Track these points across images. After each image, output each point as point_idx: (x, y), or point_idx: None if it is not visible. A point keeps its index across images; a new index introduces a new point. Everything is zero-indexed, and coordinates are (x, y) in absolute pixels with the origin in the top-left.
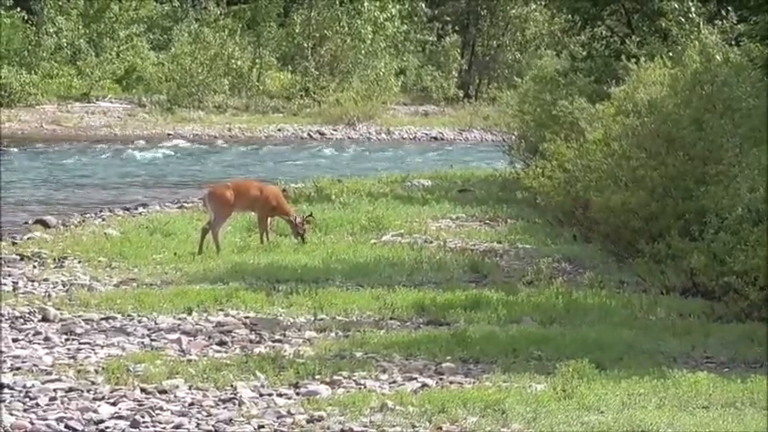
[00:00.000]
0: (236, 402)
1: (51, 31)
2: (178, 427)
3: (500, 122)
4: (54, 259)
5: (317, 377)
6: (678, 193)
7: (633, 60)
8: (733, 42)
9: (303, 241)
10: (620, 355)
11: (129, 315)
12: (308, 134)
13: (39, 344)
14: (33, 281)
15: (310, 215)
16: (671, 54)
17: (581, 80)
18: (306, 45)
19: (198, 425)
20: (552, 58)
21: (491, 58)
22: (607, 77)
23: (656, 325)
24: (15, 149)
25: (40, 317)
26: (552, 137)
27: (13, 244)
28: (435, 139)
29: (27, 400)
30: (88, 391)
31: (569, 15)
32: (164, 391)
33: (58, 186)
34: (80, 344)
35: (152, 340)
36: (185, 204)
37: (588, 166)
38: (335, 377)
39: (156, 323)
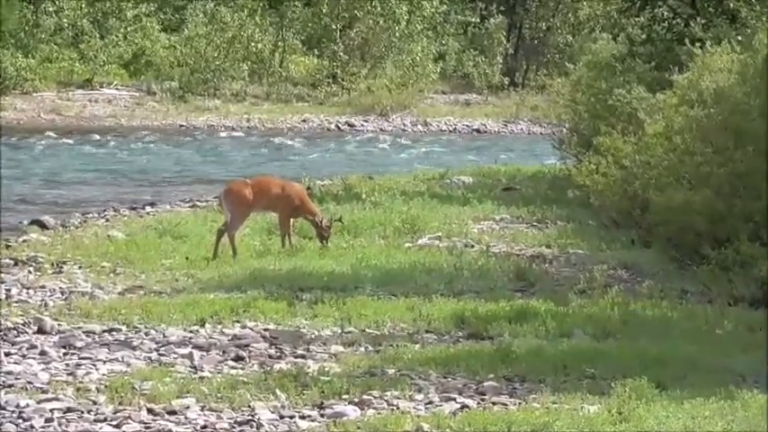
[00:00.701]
0: (254, 425)
1: (51, 10)
2: None
3: (550, 113)
4: (52, 264)
5: (345, 397)
6: (747, 192)
7: (698, 45)
8: None
9: (324, 245)
10: (683, 372)
11: (134, 327)
12: (336, 125)
13: (34, 358)
14: (29, 288)
15: (339, 219)
16: (740, 38)
17: (640, 66)
18: (334, 26)
19: None
20: (608, 42)
21: (540, 41)
22: (669, 64)
23: (723, 339)
24: (9, 141)
25: (35, 328)
26: (608, 129)
27: (7, 247)
28: (478, 131)
29: (20, 421)
30: (89, 412)
31: None
32: (173, 412)
33: (58, 183)
34: (80, 359)
35: (160, 355)
36: (198, 203)
37: (648, 163)
38: (365, 397)
39: (164, 336)
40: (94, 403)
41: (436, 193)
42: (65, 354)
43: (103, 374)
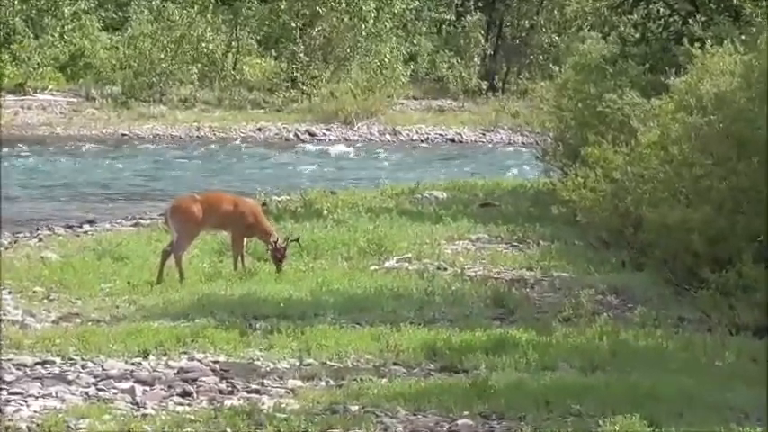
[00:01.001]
0: None
1: None
2: None
3: (532, 121)
4: None
5: None
6: (751, 208)
7: (697, 45)
8: None
9: (278, 269)
10: (679, 409)
11: (70, 359)
12: (296, 134)
13: None
14: None
15: (296, 240)
16: (743, 37)
17: (633, 69)
18: (293, 25)
19: None
20: (597, 42)
21: (522, 41)
22: (665, 66)
23: (724, 372)
24: None
25: None
26: (597, 139)
27: None
28: (452, 141)
29: None
30: None
31: None
32: None
33: None
34: (9, 394)
35: (99, 390)
36: (142, 221)
37: (641, 176)
38: None
39: (103, 369)
40: None
41: (406, 209)
42: None
43: (35, 411)
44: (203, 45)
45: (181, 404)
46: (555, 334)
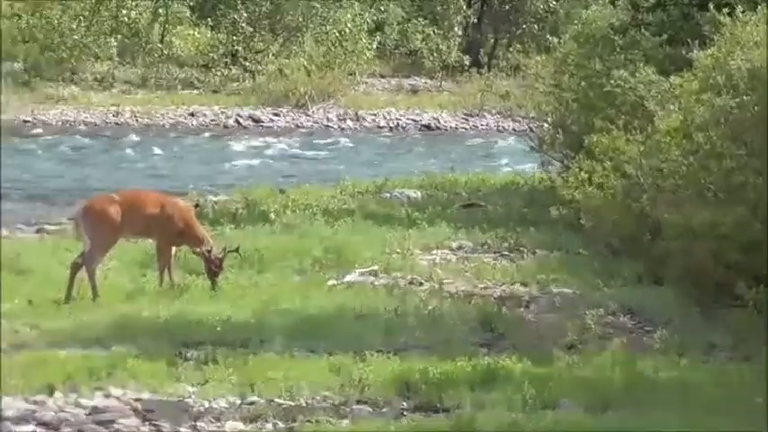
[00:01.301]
0: None
1: None
2: None
3: (526, 103)
4: None
5: None
6: None
7: (725, 10)
8: None
9: (213, 285)
10: None
11: None
12: (237, 120)
13: None
14: None
15: (236, 250)
16: None
17: (647, 40)
18: None
19: None
20: (605, 7)
21: (512, 6)
22: (686, 36)
23: (765, 409)
24: None
25: None
26: (605, 125)
27: None
28: (428, 127)
29: None
30: None
31: None
32: None
33: None
34: None
35: None
36: (47, 226)
37: (659, 169)
38: None
39: None
40: None
41: (371, 211)
42: None
43: None
44: (124, 13)
45: None
46: (556, 364)
